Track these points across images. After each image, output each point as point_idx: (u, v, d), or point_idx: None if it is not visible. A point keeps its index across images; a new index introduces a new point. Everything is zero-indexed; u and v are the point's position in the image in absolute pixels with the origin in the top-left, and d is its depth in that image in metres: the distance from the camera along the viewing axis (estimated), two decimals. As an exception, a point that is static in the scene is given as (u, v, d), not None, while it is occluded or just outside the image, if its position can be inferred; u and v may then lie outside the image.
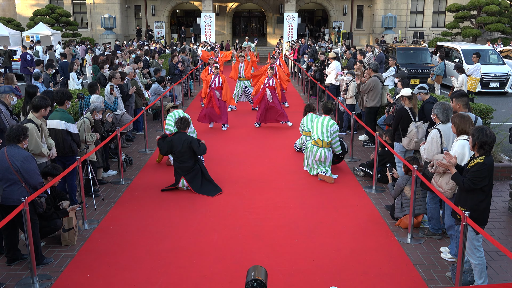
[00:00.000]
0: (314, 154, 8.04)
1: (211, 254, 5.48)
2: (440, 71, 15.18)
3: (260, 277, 2.21)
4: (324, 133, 8.02)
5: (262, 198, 7.21)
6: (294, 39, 31.24)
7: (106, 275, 5.06)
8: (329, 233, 6.03)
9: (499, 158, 8.34)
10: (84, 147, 7.03)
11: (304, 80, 17.88)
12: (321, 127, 8.08)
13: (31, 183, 5.06)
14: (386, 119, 9.04)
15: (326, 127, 8.05)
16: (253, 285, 2.17)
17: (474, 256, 4.61)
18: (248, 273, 2.25)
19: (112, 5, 35.34)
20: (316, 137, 8.08)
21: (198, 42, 30.11)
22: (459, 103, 5.83)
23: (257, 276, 2.21)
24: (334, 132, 8.11)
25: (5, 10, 37.58)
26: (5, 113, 6.65)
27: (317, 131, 8.09)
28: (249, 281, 2.20)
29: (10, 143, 5.06)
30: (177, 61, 15.47)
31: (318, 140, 8.04)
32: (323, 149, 7.99)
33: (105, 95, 9.25)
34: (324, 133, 8.03)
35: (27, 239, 4.70)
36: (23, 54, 18.46)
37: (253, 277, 2.21)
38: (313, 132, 8.18)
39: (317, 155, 8.00)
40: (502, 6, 31.61)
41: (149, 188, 7.64)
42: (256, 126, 11.81)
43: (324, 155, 7.98)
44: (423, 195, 6.11)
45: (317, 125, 8.16)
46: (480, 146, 4.44)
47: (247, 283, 2.19)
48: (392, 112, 8.60)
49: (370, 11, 37.91)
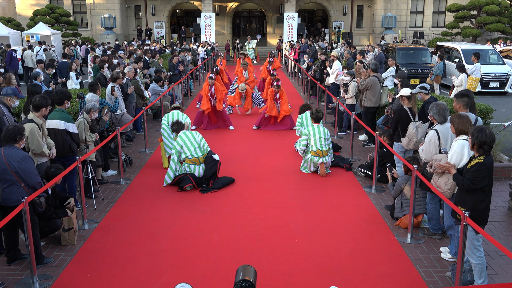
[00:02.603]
0: (315, 163, 8.17)
1: (211, 254, 5.48)
2: (439, 71, 15.18)
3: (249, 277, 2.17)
4: (323, 144, 8.19)
5: (262, 198, 7.21)
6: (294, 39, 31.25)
7: (106, 275, 5.06)
8: (329, 233, 6.03)
9: (499, 158, 8.34)
10: (84, 147, 7.02)
11: (304, 80, 17.88)
12: (319, 137, 8.20)
13: (29, 183, 5.05)
14: (383, 119, 9.05)
15: (324, 136, 8.24)
16: (242, 285, 2.15)
17: (474, 256, 4.61)
18: (237, 273, 2.21)
19: (112, 5, 35.33)
20: (316, 148, 8.13)
21: (198, 42, 30.11)
22: (459, 103, 5.83)
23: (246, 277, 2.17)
24: (329, 143, 8.42)
25: (5, 10, 37.56)
26: (7, 115, 6.62)
27: (315, 142, 8.17)
28: (237, 281, 2.17)
29: (7, 143, 5.03)
30: (177, 61, 15.47)
31: (318, 151, 8.13)
32: (323, 157, 8.17)
33: (106, 95, 9.25)
34: (323, 142, 8.19)
35: (27, 239, 4.70)
36: (9, 51, 19.69)
37: (241, 277, 2.18)
38: (311, 143, 8.21)
39: (318, 164, 8.18)
40: (502, 6, 31.60)
41: (149, 188, 7.64)
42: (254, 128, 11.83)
43: (326, 161, 8.21)
44: (423, 195, 6.11)
45: (314, 136, 8.22)
46: (479, 146, 4.44)
47: (235, 283, 2.16)
48: (388, 113, 8.63)
49: (370, 11, 37.90)
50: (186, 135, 7.78)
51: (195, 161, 7.64)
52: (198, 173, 7.62)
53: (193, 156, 7.65)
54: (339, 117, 11.21)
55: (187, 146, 7.67)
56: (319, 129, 8.28)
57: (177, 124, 8.02)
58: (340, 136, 11.01)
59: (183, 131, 7.87)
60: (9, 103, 6.97)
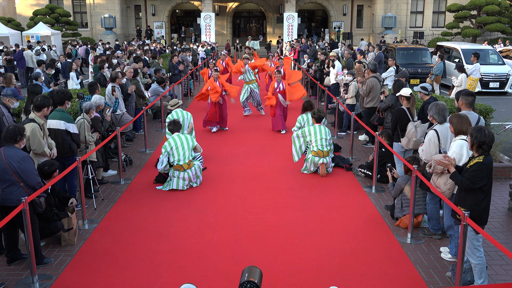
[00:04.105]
0: (316, 163, 8.15)
1: (211, 254, 5.48)
2: (439, 71, 15.19)
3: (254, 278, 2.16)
4: (324, 144, 8.16)
5: (262, 198, 7.21)
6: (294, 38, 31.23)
7: (106, 275, 5.06)
8: (329, 233, 6.03)
9: (499, 158, 8.34)
10: (84, 147, 7.02)
11: (304, 80, 17.88)
12: (320, 138, 8.17)
13: (29, 184, 5.05)
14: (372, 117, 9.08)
15: (326, 137, 8.21)
16: (246, 287, 2.14)
17: (474, 256, 4.61)
18: (242, 274, 2.21)
19: (112, 5, 35.33)
20: (317, 149, 8.12)
21: (198, 42, 30.11)
22: (463, 101, 5.84)
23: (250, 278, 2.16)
24: (331, 143, 8.40)
25: (5, 10, 37.56)
26: (7, 116, 6.62)
27: (317, 143, 8.14)
28: (242, 282, 2.16)
29: (7, 143, 5.03)
30: (177, 61, 15.48)
31: (319, 151, 8.11)
32: (324, 158, 8.14)
33: (106, 95, 9.25)
34: (324, 142, 8.16)
35: (27, 239, 4.70)
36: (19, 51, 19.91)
37: (246, 278, 2.17)
38: (313, 144, 8.18)
39: (318, 164, 8.16)
40: (502, 6, 31.61)
41: (149, 188, 7.64)
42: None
43: (326, 162, 8.19)
44: (423, 195, 6.11)
45: (316, 136, 8.18)
46: (478, 146, 4.44)
47: (240, 284, 2.15)
48: (377, 112, 8.74)
49: (370, 11, 37.90)
50: (180, 138, 7.60)
51: (179, 168, 7.46)
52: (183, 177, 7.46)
53: (178, 163, 7.45)
54: (339, 117, 11.21)
55: (177, 150, 7.51)
56: (321, 129, 8.24)
57: (173, 124, 7.82)
58: (340, 136, 11.01)
59: (177, 134, 7.70)
60: (8, 103, 6.97)
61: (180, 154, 7.51)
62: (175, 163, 7.48)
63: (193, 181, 7.59)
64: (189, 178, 7.52)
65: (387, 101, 8.46)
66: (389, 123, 8.35)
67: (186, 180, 7.49)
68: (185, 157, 7.52)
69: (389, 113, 8.50)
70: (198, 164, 7.76)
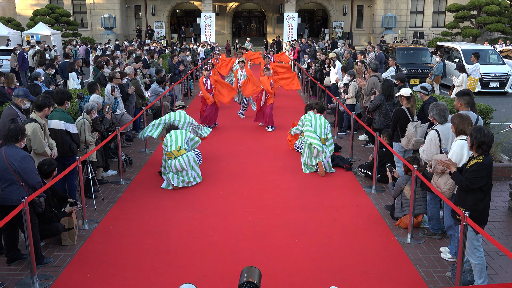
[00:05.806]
0: (312, 150, 8.29)
1: (211, 254, 5.48)
2: (439, 71, 15.19)
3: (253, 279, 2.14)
4: (322, 132, 8.42)
5: (262, 198, 7.21)
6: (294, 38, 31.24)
7: (106, 275, 5.06)
8: (329, 233, 6.03)
9: (499, 158, 8.34)
10: (84, 147, 7.02)
11: (304, 80, 17.88)
12: (319, 125, 8.45)
13: (29, 183, 5.05)
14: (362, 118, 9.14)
15: (324, 125, 8.49)
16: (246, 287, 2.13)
17: (474, 256, 4.61)
18: (241, 275, 2.19)
19: (112, 5, 35.34)
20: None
21: (198, 42, 30.11)
22: (461, 102, 5.84)
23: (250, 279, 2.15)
24: (329, 133, 8.54)
25: (5, 10, 37.57)
26: (21, 116, 6.59)
27: (316, 129, 8.38)
28: (241, 283, 2.15)
29: (8, 142, 5.04)
30: (177, 61, 15.47)
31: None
32: (319, 157, 8.29)
33: (105, 95, 9.25)
34: (322, 130, 8.42)
35: (26, 239, 4.70)
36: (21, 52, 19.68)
37: (245, 279, 2.15)
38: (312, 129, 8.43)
39: (314, 151, 8.26)
40: (502, 6, 31.63)
41: (149, 188, 7.64)
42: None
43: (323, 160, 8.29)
44: (423, 195, 6.11)
45: (316, 123, 8.47)
46: (478, 146, 4.44)
47: (239, 285, 2.14)
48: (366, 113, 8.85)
49: (370, 11, 37.92)
50: (176, 132, 7.91)
51: (170, 155, 7.65)
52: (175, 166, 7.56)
53: (170, 150, 7.67)
54: (339, 117, 11.21)
55: (171, 141, 7.75)
56: (320, 118, 8.58)
57: (171, 128, 8.11)
58: (340, 136, 11.01)
59: (174, 130, 8.00)
60: (20, 104, 6.95)
61: (172, 141, 7.73)
62: (167, 150, 7.69)
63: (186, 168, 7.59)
64: (181, 167, 7.53)
65: (375, 101, 8.53)
66: (377, 123, 8.51)
67: (179, 169, 7.53)
68: (176, 144, 7.69)
69: (377, 114, 8.57)
70: (192, 155, 7.80)
